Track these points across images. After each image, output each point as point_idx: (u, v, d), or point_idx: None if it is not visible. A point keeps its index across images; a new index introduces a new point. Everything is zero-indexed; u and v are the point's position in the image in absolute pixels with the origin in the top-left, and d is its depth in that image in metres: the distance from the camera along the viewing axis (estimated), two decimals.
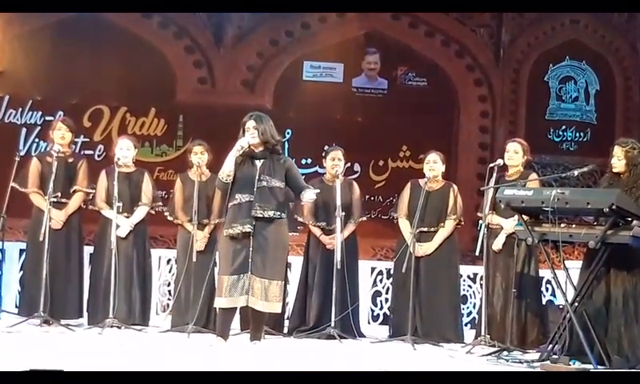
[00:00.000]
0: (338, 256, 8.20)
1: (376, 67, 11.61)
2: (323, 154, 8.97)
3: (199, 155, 8.81)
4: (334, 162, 8.84)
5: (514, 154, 8.49)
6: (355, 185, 9.12)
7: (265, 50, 11.53)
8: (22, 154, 9.90)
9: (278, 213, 7.34)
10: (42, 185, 8.73)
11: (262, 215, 7.26)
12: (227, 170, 7.33)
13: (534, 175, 8.52)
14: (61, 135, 8.84)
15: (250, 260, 7.21)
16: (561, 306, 8.23)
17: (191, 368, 6.19)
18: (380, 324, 10.01)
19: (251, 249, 7.22)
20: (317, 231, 8.90)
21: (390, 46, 11.62)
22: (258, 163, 7.38)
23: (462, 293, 9.82)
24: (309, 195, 7.44)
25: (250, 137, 7.36)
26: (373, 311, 10.16)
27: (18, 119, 11.01)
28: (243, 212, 7.26)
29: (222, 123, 10.00)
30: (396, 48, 11.62)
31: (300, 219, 8.88)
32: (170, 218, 8.97)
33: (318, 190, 7.77)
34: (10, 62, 10.98)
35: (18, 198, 8.92)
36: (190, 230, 8.60)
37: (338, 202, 8.28)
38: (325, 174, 9.01)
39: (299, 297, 8.98)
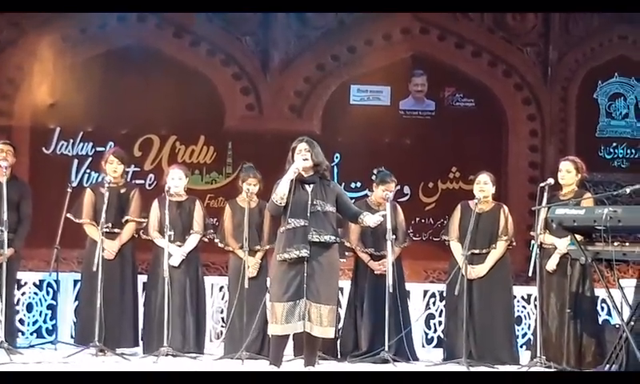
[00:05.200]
0: (390, 280, 8.22)
1: (423, 89, 11.55)
2: (373, 179, 8.93)
3: (252, 187, 8.84)
4: (386, 187, 8.80)
5: (567, 173, 8.43)
6: (399, 208, 9.10)
7: (311, 74, 11.50)
8: (74, 185, 10.07)
9: (334, 237, 7.35)
10: (95, 215, 8.82)
11: (318, 240, 7.24)
12: (281, 192, 7.31)
13: (587, 194, 8.44)
14: (113, 168, 8.94)
15: (304, 285, 7.19)
16: (617, 326, 8.14)
17: None
18: (434, 347, 9.95)
19: (305, 274, 7.21)
20: (365, 257, 8.89)
21: (437, 67, 11.54)
22: (309, 188, 7.38)
23: (517, 314, 9.73)
24: (374, 219, 7.45)
25: (302, 159, 7.37)
26: (427, 334, 10.10)
27: (69, 151, 11.05)
28: (298, 237, 7.24)
29: (270, 149, 10.02)
30: (442, 69, 11.56)
31: (347, 244, 8.87)
32: (220, 245, 9.01)
33: (384, 212, 7.87)
34: (61, 93, 11.05)
35: (70, 229, 9.05)
36: (242, 256, 8.63)
37: (389, 226, 8.28)
38: (369, 197, 8.98)
39: (348, 321, 8.98)
